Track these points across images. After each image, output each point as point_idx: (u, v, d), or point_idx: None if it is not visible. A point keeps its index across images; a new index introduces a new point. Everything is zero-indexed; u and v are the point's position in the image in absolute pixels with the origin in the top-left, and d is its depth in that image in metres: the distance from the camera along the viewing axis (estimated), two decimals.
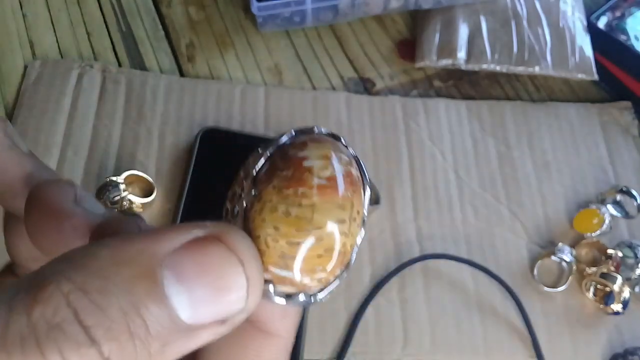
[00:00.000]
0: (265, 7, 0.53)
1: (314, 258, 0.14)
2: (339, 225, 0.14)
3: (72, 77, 0.52)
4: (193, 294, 0.12)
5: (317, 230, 0.13)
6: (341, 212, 0.14)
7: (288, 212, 0.13)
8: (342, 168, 0.14)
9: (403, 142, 0.51)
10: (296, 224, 0.13)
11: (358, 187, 0.14)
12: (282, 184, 0.14)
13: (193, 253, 0.12)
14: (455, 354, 0.43)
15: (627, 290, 0.44)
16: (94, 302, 0.11)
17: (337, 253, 0.14)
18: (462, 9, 0.56)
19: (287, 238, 0.13)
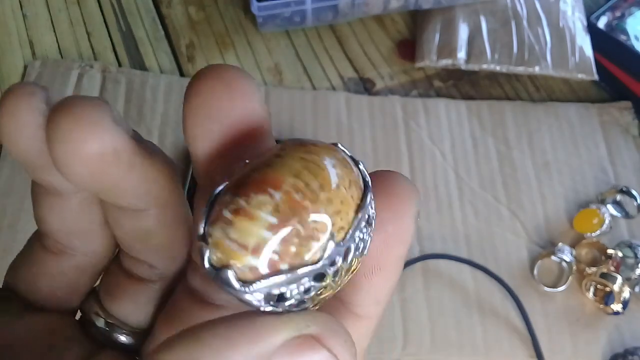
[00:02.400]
0: (265, 7, 0.53)
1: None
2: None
3: (72, 77, 0.52)
4: None
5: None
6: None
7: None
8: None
9: (403, 142, 0.51)
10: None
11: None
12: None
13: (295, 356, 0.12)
14: (455, 354, 0.44)
15: (627, 290, 0.44)
16: None
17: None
18: (462, 9, 0.56)
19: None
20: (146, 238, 0.16)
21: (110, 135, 0.12)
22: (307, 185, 0.12)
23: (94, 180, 0.13)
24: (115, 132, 0.12)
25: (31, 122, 0.13)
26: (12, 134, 0.13)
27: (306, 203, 0.12)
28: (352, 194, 0.13)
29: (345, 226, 0.13)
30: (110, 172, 0.13)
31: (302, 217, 0.12)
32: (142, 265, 0.17)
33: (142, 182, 0.14)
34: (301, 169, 0.12)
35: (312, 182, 0.12)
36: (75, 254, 0.16)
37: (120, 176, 0.13)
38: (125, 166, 0.13)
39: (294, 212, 0.12)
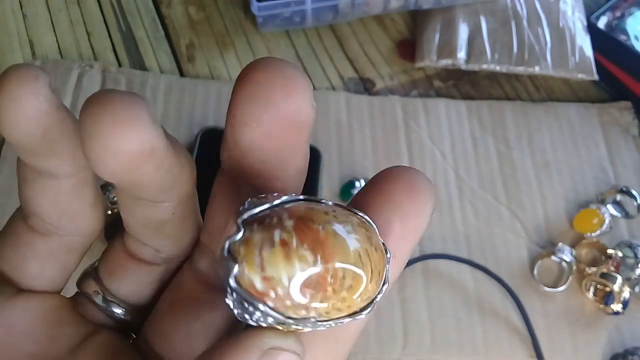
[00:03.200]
0: (265, 7, 0.53)
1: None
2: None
3: (72, 77, 0.52)
4: None
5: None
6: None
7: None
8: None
9: (403, 142, 0.51)
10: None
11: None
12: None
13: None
14: (455, 354, 0.44)
15: (627, 290, 0.44)
16: None
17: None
18: (462, 9, 0.56)
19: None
20: (158, 227, 0.16)
21: (149, 134, 0.12)
22: (353, 278, 0.12)
23: (126, 176, 0.13)
24: (153, 131, 0.12)
25: (35, 108, 0.13)
26: (13, 120, 0.13)
27: (341, 292, 0.12)
28: (380, 277, 0.13)
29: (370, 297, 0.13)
30: (144, 169, 0.13)
31: (331, 298, 0.12)
32: (148, 249, 0.17)
33: (168, 178, 0.14)
34: (356, 258, 0.12)
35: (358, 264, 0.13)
36: (65, 234, 0.16)
37: (151, 173, 0.13)
38: (157, 163, 0.13)
39: (322, 285, 0.12)
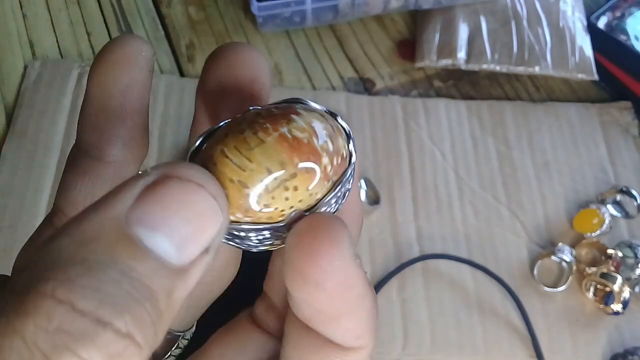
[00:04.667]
0: (265, 7, 0.53)
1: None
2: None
3: (72, 77, 0.52)
4: (174, 237, 0.12)
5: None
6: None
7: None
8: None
9: (403, 142, 0.51)
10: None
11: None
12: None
13: (153, 199, 0.12)
14: (455, 354, 0.43)
15: (627, 290, 0.44)
16: (85, 287, 0.10)
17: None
18: (462, 9, 0.56)
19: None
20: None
21: (348, 269, 0.13)
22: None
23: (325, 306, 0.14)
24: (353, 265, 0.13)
25: (137, 81, 0.16)
26: (112, 80, 0.16)
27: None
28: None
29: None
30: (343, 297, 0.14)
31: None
32: (271, 311, 0.17)
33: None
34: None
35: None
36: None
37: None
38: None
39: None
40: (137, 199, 0.12)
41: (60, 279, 0.10)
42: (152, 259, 0.11)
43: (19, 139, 0.49)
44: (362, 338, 0.14)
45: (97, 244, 0.11)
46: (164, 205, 0.12)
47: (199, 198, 0.12)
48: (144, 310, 0.11)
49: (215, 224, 0.12)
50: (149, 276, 0.11)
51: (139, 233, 0.11)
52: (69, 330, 0.10)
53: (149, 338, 0.11)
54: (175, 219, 0.12)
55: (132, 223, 0.11)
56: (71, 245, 0.11)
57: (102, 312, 0.10)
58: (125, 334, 0.10)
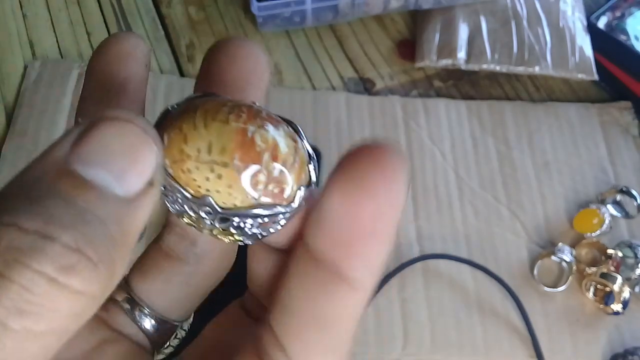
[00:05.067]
0: (265, 7, 0.53)
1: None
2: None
3: (72, 77, 0.52)
4: (111, 168, 0.12)
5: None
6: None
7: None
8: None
9: (403, 142, 0.51)
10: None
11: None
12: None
13: (88, 137, 0.12)
14: (455, 354, 0.43)
15: (627, 290, 0.44)
16: (30, 211, 0.11)
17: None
18: (462, 9, 0.56)
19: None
20: None
21: None
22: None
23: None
24: None
25: (134, 74, 0.17)
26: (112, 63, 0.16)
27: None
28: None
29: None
30: None
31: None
32: (185, 242, 0.18)
33: None
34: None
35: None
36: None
37: None
38: None
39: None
40: (74, 142, 0.12)
41: (4, 208, 0.11)
42: (96, 190, 0.12)
43: (19, 139, 0.49)
44: (373, 275, 0.15)
45: (41, 182, 0.12)
46: (98, 142, 0.12)
47: (128, 131, 0.13)
48: (93, 230, 0.11)
49: (150, 154, 0.13)
50: (93, 203, 0.12)
51: (78, 168, 0.12)
52: (18, 246, 0.11)
53: (103, 257, 0.11)
54: (109, 151, 0.12)
55: (71, 162, 0.12)
56: (17, 187, 0.12)
57: (48, 228, 0.11)
58: (75, 248, 0.11)
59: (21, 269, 0.11)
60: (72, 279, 0.11)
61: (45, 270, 0.11)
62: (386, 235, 0.14)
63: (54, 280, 0.11)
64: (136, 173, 0.13)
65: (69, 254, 0.11)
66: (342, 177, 0.14)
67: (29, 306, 0.11)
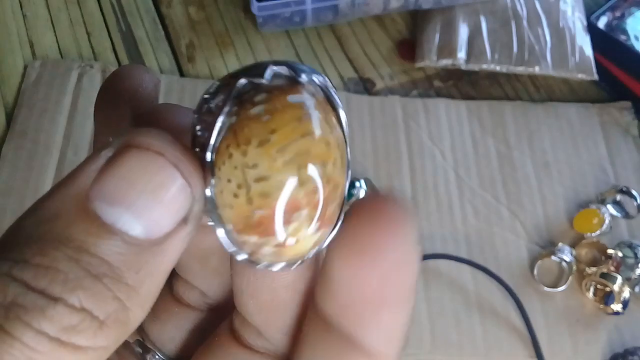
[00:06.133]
0: (265, 7, 0.53)
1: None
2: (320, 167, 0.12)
3: (72, 77, 0.52)
4: (134, 210, 0.11)
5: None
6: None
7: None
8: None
9: (403, 142, 0.51)
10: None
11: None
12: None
13: (112, 172, 0.11)
14: (455, 354, 0.43)
15: (627, 290, 0.44)
16: (38, 265, 0.11)
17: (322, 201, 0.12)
18: (462, 9, 0.56)
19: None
20: (205, 259, 0.16)
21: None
22: (318, 173, 0.12)
23: None
24: None
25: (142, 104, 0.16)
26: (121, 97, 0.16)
27: (326, 184, 0.12)
28: (332, 124, 0.13)
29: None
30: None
31: (332, 196, 0.13)
32: (194, 291, 0.17)
33: None
34: (302, 170, 0.12)
35: (316, 167, 0.12)
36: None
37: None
38: None
39: (326, 204, 0.12)
40: (99, 173, 0.11)
41: (15, 259, 0.11)
42: (112, 234, 0.11)
43: (19, 139, 0.49)
44: (391, 344, 0.13)
45: (57, 221, 0.11)
46: (122, 178, 0.11)
47: (157, 167, 0.12)
48: (102, 286, 0.11)
49: (180, 192, 0.12)
50: (109, 252, 0.11)
51: (98, 208, 0.11)
52: (22, 304, 0.11)
53: (111, 313, 0.11)
54: (133, 190, 0.11)
55: (92, 198, 0.11)
56: (33, 224, 0.11)
57: (54, 289, 0.11)
58: (79, 308, 0.11)
59: (23, 327, 0.10)
60: (74, 338, 0.11)
61: (46, 331, 0.11)
62: (400, 300, 0.13)
63: (56, 340, 0.11)
64: (164, 214, 0.12)
65: (72, 314, 0.11)
66: (344, 240, 0.13)
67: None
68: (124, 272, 0.11)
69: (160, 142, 0.12)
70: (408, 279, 0.13)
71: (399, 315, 0.13)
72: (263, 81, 0.12)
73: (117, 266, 0.11)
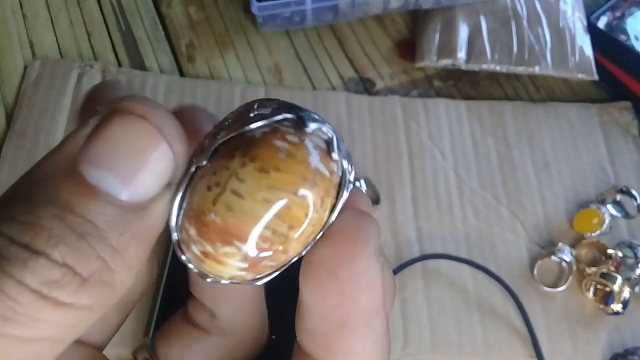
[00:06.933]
0: (265, 7, 0.53)
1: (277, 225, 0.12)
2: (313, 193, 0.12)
3: (72, 77, 0.52)
4: (118, 171, 0.11)
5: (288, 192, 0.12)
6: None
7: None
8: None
9: (403, 142, 0.51)
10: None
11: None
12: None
13: (98, 136, 0.12)
14: (455, 354, 0.43)
15: (627, 290, 0.44)
16: (24, 222, 0.11)
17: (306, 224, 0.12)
18: (462, 9, 0.56)
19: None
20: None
21: None
22: (275, 232, 0.12)
23: None
24: None
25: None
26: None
27: (276, 248, 0.12)
28: (325, 208, 0.13)
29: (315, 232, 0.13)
30: None
31: (273, 258, 0.13)
32: (204, 312, 0.17)
33: None
34: (269, 217, 0.12)
35: (280, 227, 0.12)
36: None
37: None
38: None
39: (261, 259, 0.12)
40: (87, 137, 0.12)
41: (4, 216, 0.11)
42: (97, 195, 0.11)
43: (19, 139, 0.49)
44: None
45: (46, 182, 0.11)
46: (106, 141, 0.12)
47: (139, 129, 0.12)
48: (87, 245, 0.11)
49: (163, 156, 0.12)
50: (94, 212, 0.11)
51: (85, 170, 0.11)
52: (5, 256, 0.11)
53: (94, 271, 0.11)
54: (117, 153, 0.12)
55: (80, 161, 0.12)
56: (24, 185, 0.12)
57: (37, 243, 0.11)
58: (61, 263, 0.11)
59: (4, 277, 0.11)
60: (56, 292, 0.11)
61: (27, 282, 0.11)
62: (363, 322, 0.13)
63: (37, 292, 0.11)
64: (147, 177, 0.12)
65: (54, 268, 0.11)
66: (307, 264, 0.13)
67: (12, 314, 0.11)
68: (107, 233, 0.11)
69: (144, 106, 0.12)
70: (367, 297, 0.13)
71: (364, 337, 0.13)
72: (305, 129, 0.13)
73: (101, 227, 0.11)
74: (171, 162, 0.12)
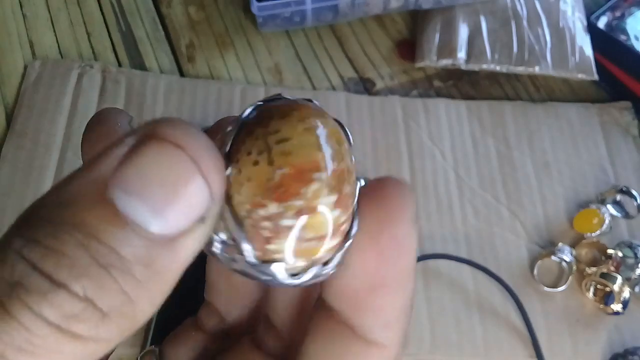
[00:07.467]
0: (265, 7, 0.53)
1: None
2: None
3: (72, 77, 0.52)
4: (149, 202, 0.11)
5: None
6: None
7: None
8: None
9: (403, 142, 0.51)
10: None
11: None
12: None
13: (133, 161, 0.11)
14: (455, 354, 0.43)
15: (627, 290, 0.44)
16: (48, 247, 0.11)
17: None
18: (462, 9, 0.56)
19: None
20: (231, 276, 0.17)
21: None
22: (334, 148, 0.13)
23: None
24: None
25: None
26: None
27: (344, 165, 0.13)
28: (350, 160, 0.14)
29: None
30: None
31: (348, 179, 0.13)
32: (214, 316, 0.18)
33: None
34: (322, 138, 0.13)
35: (334, 143, 0.13)
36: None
37: None
38: None
39: (341, 181, 0.13)
40: (120, 161, 0.11)
41: (28, 238, 0.11)
42: (126, 225, 0.11)
43: (19, 139, 0.49)
44: (390, 330, 0.14)
45: (74, 205, 0.11)
46: (141, 169, 0.11)
47: (174, 161, 0.11)
48: (109, 277, 0.11)
49: (198, 189, 0.11)
50: (120, 243, 0.11)
51: (115, 197, 0.11)
52: (26, 285, 0.10)
53: (116, 305, 0.11)
54: (150, 182, 0.11)
55: (112, 185, 0.11)
56: (51, 205, 0.11)
57: (59, 274, 0.10)
58: (82, 297, 0.11)
59: (22, 308, 0.10)
60: (75, 326, 0.11)
61: (45, 315, 0.10)
62: (398, 285, 0.13)
63: (56, 325, 0.10)
64: (179, 210, 0.11)
65: (74, 302, 0.10)
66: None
67: (29, 345, 0.10)
68: (133, 265, 0.11)
69: (181, 133, 0.11)
70: (406, 261, 0.13)
71: (396, 299, 0.13)
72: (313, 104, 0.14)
73: (126, 258, 0.11)
74: (206, 196, 0.11)
